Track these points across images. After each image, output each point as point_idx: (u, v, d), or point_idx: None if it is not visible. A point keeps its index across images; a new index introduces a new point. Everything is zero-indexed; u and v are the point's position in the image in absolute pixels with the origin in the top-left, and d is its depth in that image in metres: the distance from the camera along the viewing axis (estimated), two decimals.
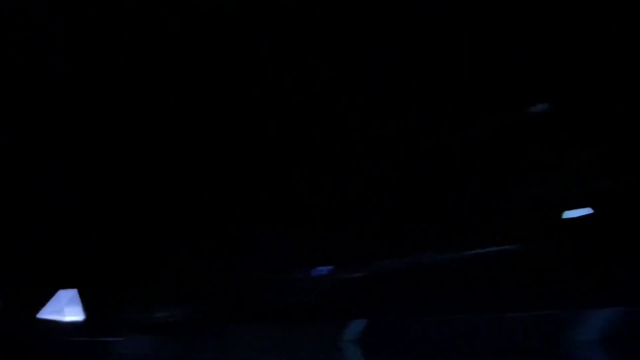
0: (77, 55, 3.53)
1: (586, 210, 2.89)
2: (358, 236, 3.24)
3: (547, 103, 3.11)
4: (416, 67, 3.30)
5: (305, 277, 3.32)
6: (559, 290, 2.64)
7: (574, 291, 2.60)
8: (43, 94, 3.53)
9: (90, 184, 3.53)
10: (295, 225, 3.36)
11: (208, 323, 3.41)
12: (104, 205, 3.54)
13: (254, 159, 3.41)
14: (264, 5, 3.39)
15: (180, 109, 3.52)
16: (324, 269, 3.31)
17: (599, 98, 3.02)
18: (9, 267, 3.53)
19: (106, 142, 3.50)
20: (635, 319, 2.58)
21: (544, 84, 3.16)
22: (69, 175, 3.55)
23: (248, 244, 3.44)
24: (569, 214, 2.86)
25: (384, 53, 3.32)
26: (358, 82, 3.36)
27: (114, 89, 3.52)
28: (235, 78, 3.46)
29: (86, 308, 3.46)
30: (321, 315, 3.26)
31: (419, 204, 3.16)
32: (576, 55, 3.05)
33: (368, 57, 3.34)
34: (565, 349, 2.55)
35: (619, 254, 2.69)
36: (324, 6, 3.35)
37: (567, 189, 2.94)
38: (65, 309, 3.44)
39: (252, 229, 3.42)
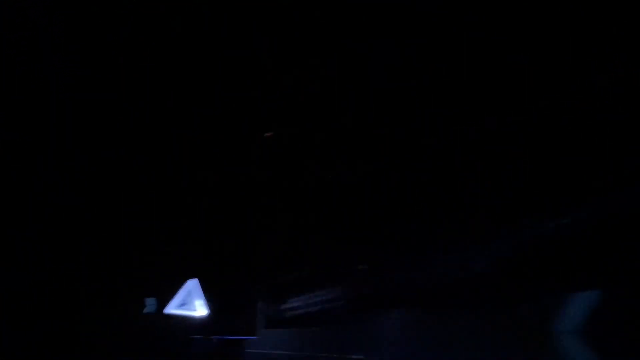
0: (77, 55, 3.52)
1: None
2: None
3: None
4: (416, 67, 3.30)
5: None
6: None
7: None
8: (43, 94, 3.53)
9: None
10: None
11: (348, 313, 3.18)
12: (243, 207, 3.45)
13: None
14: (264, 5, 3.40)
15: (180, 109, 3.52)
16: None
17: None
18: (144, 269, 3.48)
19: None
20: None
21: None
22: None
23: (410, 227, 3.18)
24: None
25: (384, 53, 3.32)
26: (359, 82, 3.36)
27: (114, 89, 3.52)
28: (237, 78, 3.46)
29: (219, 306, 3.35)
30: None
31: None
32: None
33: (368, 57, 3.34)
34: None
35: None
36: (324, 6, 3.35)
37: None
38: (197, 307, 3.39)
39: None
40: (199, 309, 3.44)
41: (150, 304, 3.46)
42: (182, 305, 3.43)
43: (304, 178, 3.42)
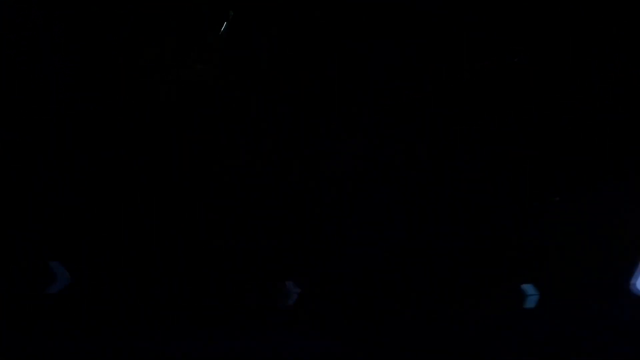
0: (77, 55, 3.52)
1: None
2: None
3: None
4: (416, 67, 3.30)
5: None
6: None
7: None
8: (43, 94, 3.53)
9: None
10: None
11: None
12: None
13: None
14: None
15: (180, 110, 3.52)
16: None
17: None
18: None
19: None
20: None
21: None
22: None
23: None
24: None
25: (384, 53, 3.32)
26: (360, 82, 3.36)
27: (114, 89, 3.52)
28: (237, 78, 3.46)
29: None
30: None
31: None
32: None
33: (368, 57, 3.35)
34: None
35: None
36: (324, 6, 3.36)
37: None
38: None
39: None
40: None
41: None
42: None
43: None
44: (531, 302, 2.99)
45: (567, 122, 3.11)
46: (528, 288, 2.95)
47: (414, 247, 3.30)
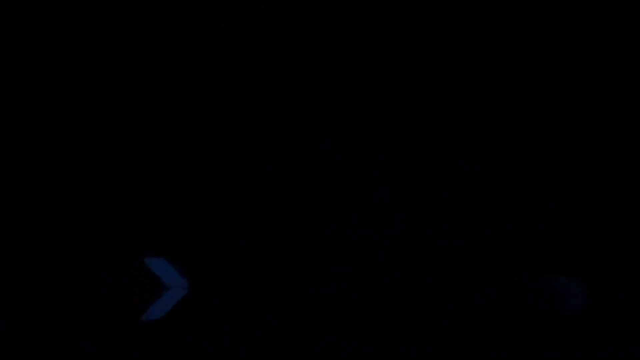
0: (77, 55, 3.53)
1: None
2: None
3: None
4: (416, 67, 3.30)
5: None
6: None
7: None
8: (43, 94, 3.53)
9: None
10: None
11: None
12: None
13: None
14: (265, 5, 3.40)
15: (180, 110, 3.52)
16: None
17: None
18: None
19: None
20: None
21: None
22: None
23: None
24: None
25: (384, 53, 3.33)
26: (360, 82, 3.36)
27: (114, 89, 3.52)
28: (237, 78, 3.46)
29: None
30: None
31: None
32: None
33: (368, 57, 3.35)
34: None
35: None
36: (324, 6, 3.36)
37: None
38: None
39: None
40: None
41: None
42: None
43: None
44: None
45: (567, 122, 3.11)
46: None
47: (414, 247, 3.30)
